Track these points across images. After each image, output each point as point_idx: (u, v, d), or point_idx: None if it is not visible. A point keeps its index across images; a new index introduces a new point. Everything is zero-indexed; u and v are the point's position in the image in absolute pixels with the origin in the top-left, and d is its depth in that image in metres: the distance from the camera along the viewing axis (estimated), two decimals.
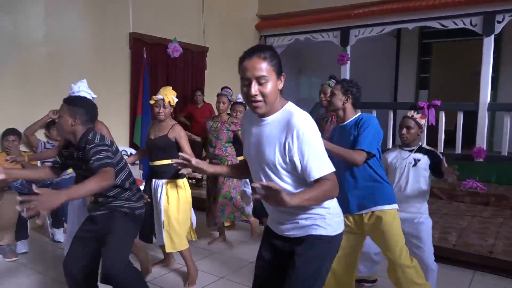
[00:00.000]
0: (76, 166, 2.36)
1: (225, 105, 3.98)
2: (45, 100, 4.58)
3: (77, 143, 2.26)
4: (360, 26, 6.82)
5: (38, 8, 4.55)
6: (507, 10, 5.59)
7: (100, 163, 2.12)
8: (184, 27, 6.26)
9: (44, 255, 3.89)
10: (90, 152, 2.16)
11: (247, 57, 1.65)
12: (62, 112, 2.26)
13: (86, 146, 2.19)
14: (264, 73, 1.60)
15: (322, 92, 3.93)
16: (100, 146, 2.20)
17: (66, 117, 2.25)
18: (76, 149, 2.27)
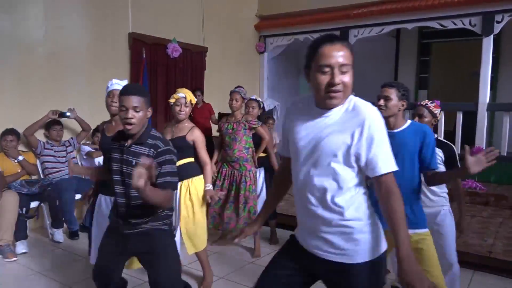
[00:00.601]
0: (121, 162, 2.01)
1: (238, 102, 3.77)
2: (44, 100, 4.58)
3: (139, 137, 1.99)
4: (359, 26, 6.82)
5: (37, 8, 4.55)
6: (506, 10, 5.59)
7: (171, 181, 1.93)
8: (184, 27, 6.26)
9: (44, 256, 3.89)
10: (162, 156, 1.94)
11: (328, 42, 1.47)
12: (139, 104, 1.94)
13: (158, 145, 1.95)
14: (348, 62, 1.45)
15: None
16: (172, 155, 1.98)
17: (145, 109, 1.97)
18: (135, 144, 1.98)
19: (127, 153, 1.98)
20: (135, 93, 1.93)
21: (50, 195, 4.17)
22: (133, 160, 1.94)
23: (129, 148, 1.97)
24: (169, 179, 1.92)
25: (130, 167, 1.94)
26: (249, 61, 7.82)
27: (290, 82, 9.07)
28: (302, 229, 1.63)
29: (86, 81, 5.04)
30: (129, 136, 1.99)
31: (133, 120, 1.91)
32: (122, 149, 2.00)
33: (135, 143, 1.97)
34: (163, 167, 1.92)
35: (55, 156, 4.49)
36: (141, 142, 1.96)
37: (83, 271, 3.50)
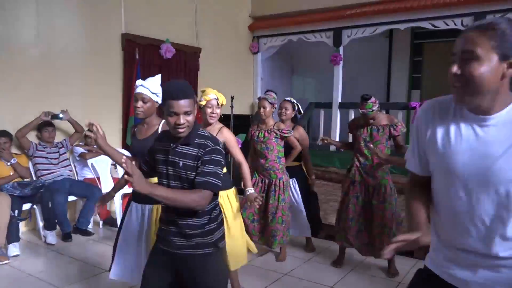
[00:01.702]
0: (166, 164, 1.86)
1: (266, 109, 3.55)
2: (36, 101, 4.54)
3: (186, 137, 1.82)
4: (352, 27, 6.85)
5: (29, 8, 4.51)
6: (497, 10, 5.65)
7: (211, 182, 1.75)
8: (177, 27, 6.25)
9: (37, 258, 3.86)
10: (208, 155, 1.78)
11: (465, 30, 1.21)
12: (189, 107, 1.77)
13: (206, 145, 1.79)
14: (477, 50, 1.15)
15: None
16: (219, 156, 1.81)
17: (194, 111, 1.82)
18: (181, 145, 1.83)
19: (173, 154, 1.83)
20: (185, 97, 1.76)
21: (42, 197, 4.14)
22: (179, 161, 1.80)
23: (175, 149, 1.83)
24: (209, 180, 1.75)
25: (176, 169, 1.81)
26: (242, 62, 7.82)
27: (284, 82, 9.10)
28: (450, 261, 1.32)
29: (79, 82, 5.02)
30: (176, 137, 1.84)
31: (185, 124, 1.77)
32: (167, 150, 1.85)
33: (182, 143, 1.82)
34: (206, 166, 1.76)
35: (47, 158, 4.46)
36: (188, 142, 1.81)
37: (76, 273, 3.48)
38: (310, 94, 9.90)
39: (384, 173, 3.38)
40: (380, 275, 3.49)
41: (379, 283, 3.36)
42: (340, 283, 3.34)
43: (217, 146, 1.82)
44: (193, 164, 1.78)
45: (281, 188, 3.58)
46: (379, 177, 3.37)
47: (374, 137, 3.37)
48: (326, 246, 4.16)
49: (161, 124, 2.46)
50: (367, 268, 3.62)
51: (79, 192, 4.51)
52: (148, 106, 2.43)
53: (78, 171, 4.87)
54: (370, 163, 3.39)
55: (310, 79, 10.14)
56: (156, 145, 1.95)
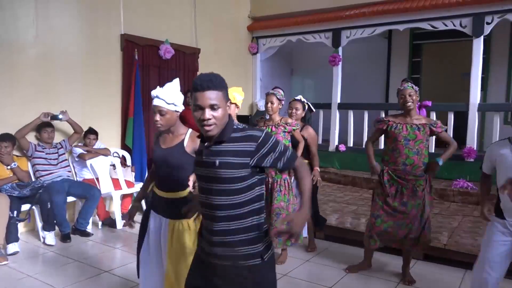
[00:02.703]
0: (201, 165, 1.69)
1: (274, 105, 3.56)
2: (36, 102, 4.54)
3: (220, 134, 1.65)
4: (351, 27, 6.86)
5: (28, 9, 4.51)
6: (496, 11, 5.66)
7: (290, 154, 1.66)
8: (176, 28, 6.25)
9: (35, 259, 3.85)
10: (268, 143, 1.62)
11: None
12: (217, 100, 1.59)
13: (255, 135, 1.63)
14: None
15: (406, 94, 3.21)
16: (274, 137, 1.68)
17: (224, 106, 1.63)
18: (216, 143, 1.65)
19: (207, 154, 1.65)
20: (211, 87, 1.57)
21: (41, 198, 4.14)
22: (215, 160, 1.61)
23: (209, 148, 1.66)
24: (287, 156, 1.66)
25: (212, 169, 1.62)
26: (241, 62, 7.83)
27: (283, 83, 9.08)
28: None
29: (78, 83, 5.01)
30: (208, 136, 1.66)
31: (211, 120, 1.58)
32: (202, 150, 1.69)
33: (216, 141, 1.64)
34: (276, 151, 1.63)
35: (46, 159, 4.45)
36: (222, 140, 1.62)
37: (75, 274, 3.48)
38: (309, 95, 9.88)
39: (417, 176, 3.18)
40: (379, 276, 3.49)
41: (378, 284, 3.36)
42: (339, 283, 3.34)
43: (265, 130, 1.67)
44: (236, 161, 1.59)
45: (287, 189, 3.55)
46: (413, 180, 3.19)
47: (416, 136, 3.15)
48: (326, 246, 4.16)
49: (188, 133, 2.33)
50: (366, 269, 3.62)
51: (78, 193, 4.51)
52: (167, 118, 2.27)
53: (77, 171, 4.86)
54: (412, 164, 3.16)
55: (309, 80, 10.15)
56: (199, 147, 1.79)
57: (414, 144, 3.15)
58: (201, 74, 1.62)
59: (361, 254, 3.68)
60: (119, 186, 4.87)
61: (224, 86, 1.63)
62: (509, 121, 7.26)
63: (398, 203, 3.23)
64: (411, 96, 3.17)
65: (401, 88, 3.23)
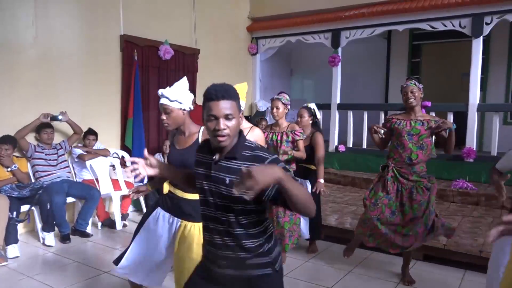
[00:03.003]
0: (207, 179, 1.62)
1: (279, 110, 3.51)
2: (35, 103, 4.54)
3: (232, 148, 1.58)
4: (350, 28, 6.86)
5: (27, 9, 4.51)
6: (495, 12, 5.67)
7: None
8: (175, 29, 6.25)
9: (35, 260, 3.85)
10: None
11: None
12: (231, 110, 1.52)
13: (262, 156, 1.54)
14: None
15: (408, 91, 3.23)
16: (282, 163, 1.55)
17: (238, 115, 1.57)
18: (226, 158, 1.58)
19: (217, 169, 1.57)
20: (226, 97, 1.51)
21: (41, 199, 4.13)
22: (225, 177, 1.54)
23: (219, 162, 1.58)
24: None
25: (221, 186, 1.55)
26: (241, 63, 7.83)
27: (282, 83, 9.10)
28: None
29: (77, 83, 5.01)
30: (219, 148, 1.59)
31: (226, 131, 1.51)
32: (209, 163, 1.60)
33: (227, 156, 1.56)
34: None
35: (46, 159, 4.45)
36: (234, 156, 1.55)
37: (74, 275, 3.48)
38: (309, 95, 9.90)
39: (418, 177, 3.14)
40: (379, 276, 3.49)
41: (378, 284, 3.36)
42: (339, 284, 3.34)
43: (275, 155, 1.57)
44: None
45: None
46: (414, 179, 3.14)
47: (419, 131, 3.11)
48: (326, 247, 4.16)
49: (201, 131, 2.29)
50: (366, 269, 3.62)
51: (78, 194, 4.50)
52: (173, 117, 2.26)
53: (76, 172, 4.86)
54: (416, 158, 3.11)
55: (309, 80, 10.16)
56: (197, 157, 1.70)
57: (418, 139, 3.11)
58: (214, 84, 1.57)
59: (361, 254, 3.68)
60: (118, 187, 4.87)
61: (237, 97, 1.57)
62: (509, 121, 7.27)
63: (398, 203, 3.19)
64: (413, 93, 3.17)
65: (404, 85, 3.25)
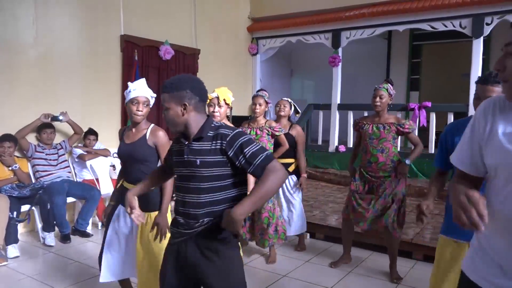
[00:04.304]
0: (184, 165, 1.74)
1: (261, 107, 3.60)
2: (36, 103, 4.54)
3: (198, 131, 1.72)
4: (351, 28, 6.86)
5: (27, 9, 4.51)
6: (495, 12, 5.67)
7: (264, 157, 1.61)
8: (176, 29, 6.25)
9: (35, 260, 3.85)
10: (236, 142, 1.63)
11: None
12: (165, 102, 1.72)
13: (224, 133, 1.67)
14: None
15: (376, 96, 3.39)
16: (246, 135, 1.68)
17: (173, 107, 1.70)
18: (194, 141, 1.72)
19: (188, 152, 1.71)
20: (163, 90, 1.73)
21: (41, 199, 4.14)
22: (196, 159, 1.67)
23: (189, 146, 1.72)
24: (258, 160, 1.61)
25: (194, 169, 1.68)
26: (241, 63, 7.83)
27: (282, 84, 9.11)
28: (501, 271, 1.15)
29: (77, 84, 5.02)
30: (187, 135, 1.76)
31: (166, 120, 1.74)
32: (182, 150, 1.75)
33: (194, 138, 1.72)
34: (245, 151, 1.62)
35: (46, 159, 4.45)
36: (201, 136, 1.70)
37: (75, 275, 3.48)
38: (309, 96, 9.91)
39: (386, 173, 3.31)
40: (378, 277, 3.49)
41: (378, 285, 3.36)
42: (339, 284, 3.34)
43: (236, 129, 1.70)
44: (213, 159, 1.66)
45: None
46: (382, 177, 3.32)
47: (380, 134, 3.29)
48: (326, 247, 4.16)
49: (150, 128, 2.47)
50: (366, 269, 3.62)
51: (78, 194, 4.51)
52: (147, 110, 2.47)
53: (77, 172, 4.86)
54: (376, 161, 3.30)
55: (309, 81, 10.16)
56: (173, 147, 1.85)
57: (378, 142, 3.29)
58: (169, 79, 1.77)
59: (361, 254, 3.68)
60: None
61: (175, 89, 1.70)
62: None
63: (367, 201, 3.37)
64: (381, 98, 3.32)
65: (377, 87, 3.39)
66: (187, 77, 1.76)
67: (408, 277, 3.46)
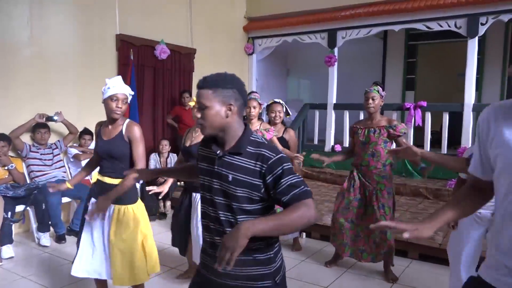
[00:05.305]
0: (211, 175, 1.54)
1: (256, 109, 3.56)
2: (30, 103, 4.52)
3: (236, 144, 1.51)
4: (347, 28, 6.87)
5: (22, 9, 4.49)
6: (490, 12, 5.69)
7: (300, 191, 1.41)
8: (172, 28, 6.24)
9: (30, 260, 3.83)
10: (277, 168, 1.44)
11: None
12: (205, 100, 1.49)
13: (265, 155, 1.45)
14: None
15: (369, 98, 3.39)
16: (289, 163, 1.48)
17: (215, 106, 1.49)
18: (230, 153, 1.51)
19: (220, 164, 1.51)
20: (200, 86, 1.52)
21: (36, 199, 4.12)
22: (228, 174, 1.48)
23: (222, 158, 1.51)
24: (299, 190, 1.41)
25: (224, 183, 1.49)
26: (237, 63, 7.82)
27: (278, 83, 9.11)
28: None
29: (73, 83, 4.99)
30: (221, 142, 1.54)
31: (200, 121, 1.52)
32: (213, 158, 1.54)
33: (231, 151, 1.50)
34: (284, 180, 1.42)
35: (41, 159, 4.43)
36: (239, 151, 1.48)
37: (70, 275, 3.45)
38: (305, 95, 9.91)
39: (381, 177, 3.34)
40: (374, 276, 3.50)
41: (373, 284, 3.37)
42: (335, 283, 3.35)
43: (279, 154, 1.48)
44: (249, 181, 1.45)
45: None
46: (376, 181, 3.35)
47: (370, 139, 3.34)
48: (321, 247, 4.16)
49: (125, 123, 2.50)
50: (362, 269, 3.63)
51: (73, 193, 4.47)
52: (126, 107, 2.51)
53: (72, 172, 4.84)
54: (367, 165, 3.37)
55: (305, 80, 10.16)
56: (200, 151, 1.65)
57: (368, 146, 3.34)
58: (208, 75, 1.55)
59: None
60: None
61: (219, 85, 1.49)
62: None
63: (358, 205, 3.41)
64: (374, 100, 3.33)
65: (368, 90, 3.39)
66: (233, 75, 1.55)
67: (404, 276, 3.47)
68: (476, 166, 1.37)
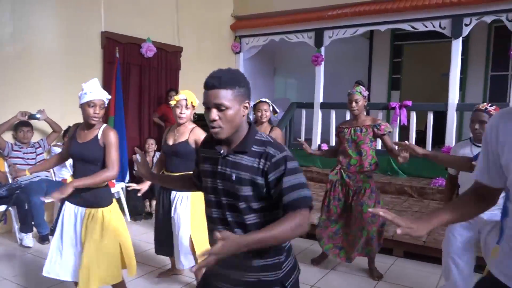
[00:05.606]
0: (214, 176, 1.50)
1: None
2: (12, 100, 4.43)
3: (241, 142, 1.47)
4: (333, 28, 6.91)
5: (4, 5, 4.39)
6: (474, 13, 5.78)
7: (303, 196, 1.39)
8: (158, 26, 6.18)
9: (12, 261, 3.76)
10: (280, 167, 1.40)
11: None
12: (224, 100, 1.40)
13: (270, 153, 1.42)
14: None
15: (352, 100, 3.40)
16: (294, 162, 1.44)
17: (235, 106, 1.42)
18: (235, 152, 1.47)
19: (224, 164, 1.47)
20: (215, 86, 1.40)
21: (18, 198, 4.04)
22: (232, 173, 1.44)
23: (226, 157, 1.48)
24: (301, 194, 1.38)
25: (227, 183, 1.45)
26: (224, 61, 7.78)
27: (266, 82, 9.12)
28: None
29: (57, 81, 4.91)
30: (225, 142, 1.49)
31: (216, 122, 1.42)
32: (216, 158, 1.50)
33: (236, 150, 1.46)
34: (286, 180, 1.39)
35: (23, 158, 4.35)
36: (245, 150, 1.44)
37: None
38: (292, 94, 9.94)
39: (366, 177, 3.39)
40: (360, 274, 3.53)
41: (359, 282, 3.40)
42: (321, 282, 3.37)
43: (284, 152, 1.43)
44: (251, 179, 1.41)
45: None
46: (361, 181, 3.38)
47: (357, 137, 3.38)
48: (307, 245, 4.18)
49: (102, 128, 2.49)
50: (348, 266, 3.65)
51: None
52: (103, 112, 2.49)
53: (55, 171, 4.77)
54: (355, 164, 3.40)
55: (292, 79, 10.19)
56: (201, 152, 1.59)
57: (356, 145, 3.39)
58: (216, 70, 1.45)
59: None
60: None
61: (238, 84, 1.42)
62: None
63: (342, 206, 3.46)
64: (357, 103, 3.37)
65: (351, 92, 3.42)
66: (240, 72, 1.48)
67: (389, 273, 3.51)
68: (482, 173, 1.37)
